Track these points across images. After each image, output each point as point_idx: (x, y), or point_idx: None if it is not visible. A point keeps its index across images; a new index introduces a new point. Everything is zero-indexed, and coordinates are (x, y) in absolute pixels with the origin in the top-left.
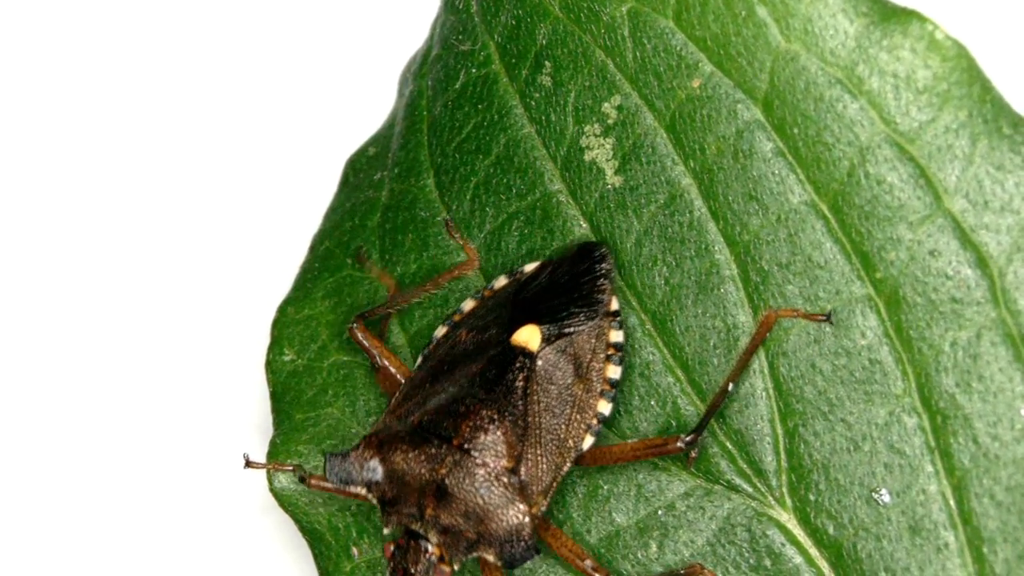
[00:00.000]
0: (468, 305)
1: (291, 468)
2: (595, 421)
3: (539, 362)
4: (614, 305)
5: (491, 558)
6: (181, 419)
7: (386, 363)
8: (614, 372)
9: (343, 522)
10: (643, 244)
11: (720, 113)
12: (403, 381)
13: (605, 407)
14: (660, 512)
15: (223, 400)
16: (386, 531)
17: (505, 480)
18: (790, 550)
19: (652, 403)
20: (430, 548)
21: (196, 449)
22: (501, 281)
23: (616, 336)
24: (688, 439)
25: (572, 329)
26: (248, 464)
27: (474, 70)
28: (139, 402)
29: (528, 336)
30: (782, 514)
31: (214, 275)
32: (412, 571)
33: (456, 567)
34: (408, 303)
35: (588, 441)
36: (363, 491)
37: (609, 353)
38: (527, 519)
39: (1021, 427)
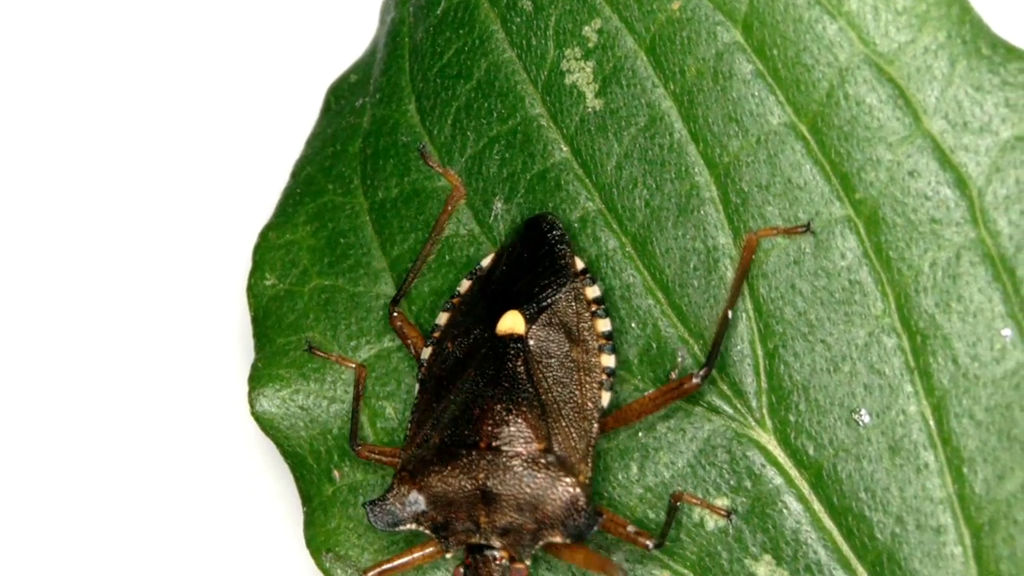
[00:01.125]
0: (443, 318)
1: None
2: (604, 376)
3: (531, 342)
4: (579, 265)
5: (559, 539)
6: (163, 347)
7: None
8: (604, 325)
9: (324, 446)
10: (623, 167)
11: (700, 35)
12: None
13: (608, 360)
14: (641, 434)
15: (204, 327)
16: (448, 556)
17: (543, 462)
18: (770, 471)
19: (633, 325)
20: (497, 554)
21: (179, 377)
22: (464, 285)
23: (593, 292)
24: (702, 374)
25: (549, 301)
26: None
27: None
28: (120, 331)
29: (512, 322)
30: (762, 435)
31: (195, 203)
32: None
33: (528, 562)
34: (425, 263)
35: (606, 397)
36: (414, 526)
37: (593, 309)
38: (578, 490)
39: (1000, 347)
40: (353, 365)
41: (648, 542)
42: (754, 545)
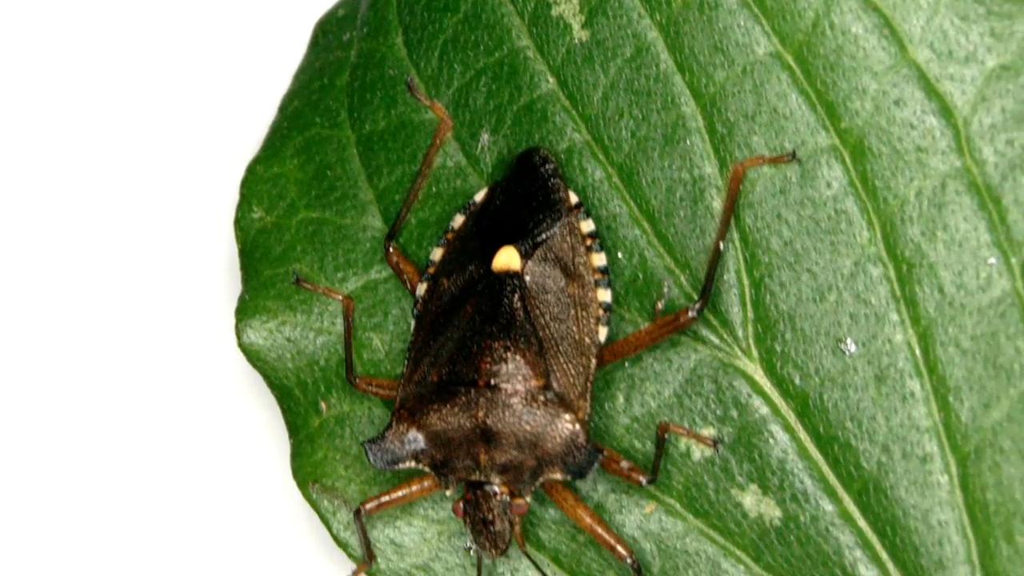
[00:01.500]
0: (437, 253)
1: (361, 558)
2: (601, 311)
3: (527, 278)
4: (573, 199)
5: (558, 476)
6: (152, 280)
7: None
8: (599, 260)
9: (311, 377)
10: (609, 98)
11: None
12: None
13: (605, 295)
14: (627, 365)
15: (192, 260)
16: (449, 493)
17: (542, 399)
18: (756, 400)
19: (620, 256)
20: (497, 490)
21: (166, 310)
22: (458, 220)
23: (588, 226)
24: (698, 307)
25: (544, 236)
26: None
27: None
28: (108, 264)
29: (508, 258)
30: (748, 365)
31: (184, 138)
32: (490, 519)
33: (528, 498)
34: (417, 197)
35: (602, 332)
36: (413, 464)
37: (588, 244)
38: (578, 426)
39: (986, 276)
40: (340, 297)
41: (642, 478)
42: (740, 475)
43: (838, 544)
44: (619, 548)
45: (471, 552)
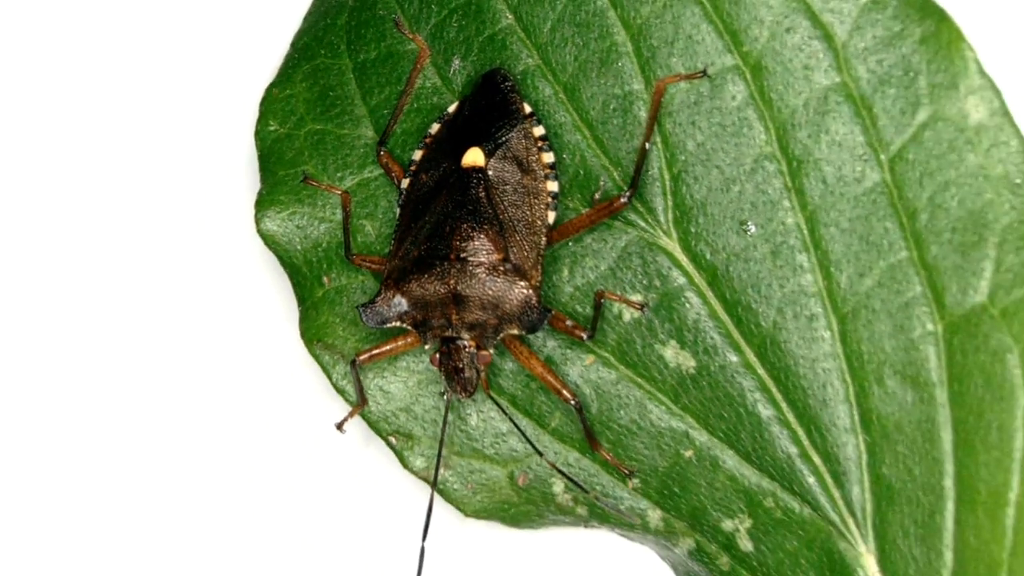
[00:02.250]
0: (417, 155)
1: (354, 407)
2: (550, 199)
3: (490, 172)
4: (527, 109)
5: (516, 331)
6: (186, 182)
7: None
8: (548, 158)
9: (315, 257)
10: (557, 29)
11: None
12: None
13: (553, 186)
14: (571, 244)
15: (220, 164)
16: (427, 347)
17: (502, 269)
18: (675, 272)
19: (564, 156)
20: (466, 344)
21: (198, 206)
22: (434, 128)
23: (539, 131)
24: (628, 194)
25: (504, 138)
26: (340, 425)
27: None
28: (152, 172)
29: (474, 156)
30: (668, 244)
31: (215, 68)
32: (460, 366)
33: (491, 350)
34: (403, 110)
35: (551, 216)
36: (398, 323)
37: (540, 145)
38: (531, 291)
39: (861, 170)
40: (340, 192)
41: (583, 334)
42: (662, 332)
43: (742, 388)
44: (564, 392)
45: (443, 396)
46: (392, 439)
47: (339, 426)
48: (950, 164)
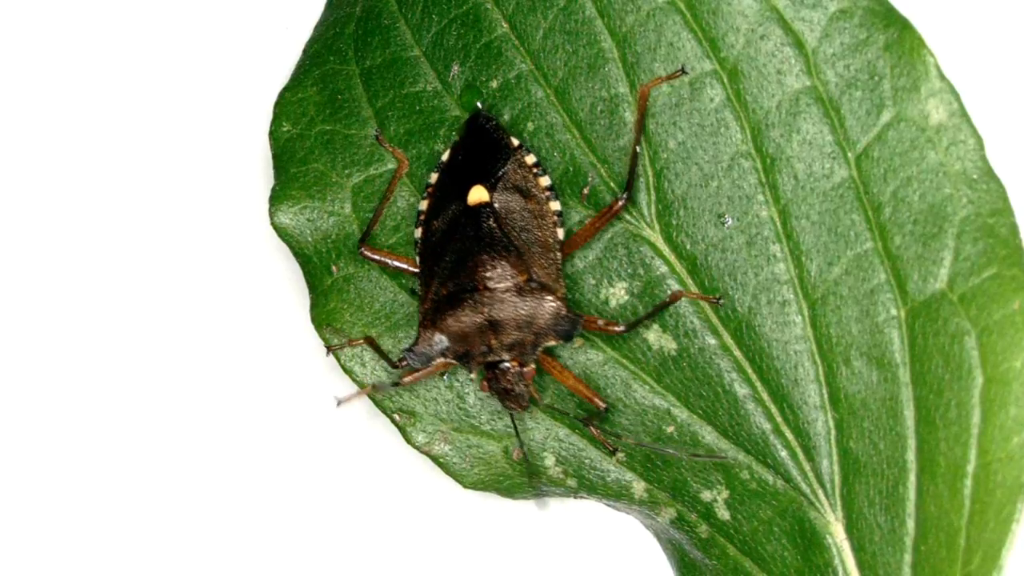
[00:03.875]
0: (423, 204)
1: (387, 384)
2: (556, 218)
3: (496, 205)
4: (515, 142)
5: (552, 342)
6: (205, 178)
7: (397, 263)
8: (545, 181)
9: (325, 247)
10: (548, 37)
11: None
12: (415, 268)
13: (555, 205)
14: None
15: (237, 163)
16: (473, 376)
17: (529, 288)
18: (657, 261)
19: (555, 155)
20: (509, 365)
21: (216, 202)
22: (434, 177)
23: (531, 159)
24: (625, 196)
25: (501, 171)
26: (340, 402)
27: None
28: (171, 167)
29: (478, 194)
30: (652, 235)
31: (233, 71)
32: (509, 387)
33: (532, 365)
34: (383, 212)
35: (560, 232)
36: (443, 361)
37: (535, 171)
38: (559, 303)
39: (829, 167)
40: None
41: (618, 328)
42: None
43: (719, 369)
44: (596, 400)
45: (509, 415)
46: (396, 416)
47: (340, 402)
48: (912, 161)
